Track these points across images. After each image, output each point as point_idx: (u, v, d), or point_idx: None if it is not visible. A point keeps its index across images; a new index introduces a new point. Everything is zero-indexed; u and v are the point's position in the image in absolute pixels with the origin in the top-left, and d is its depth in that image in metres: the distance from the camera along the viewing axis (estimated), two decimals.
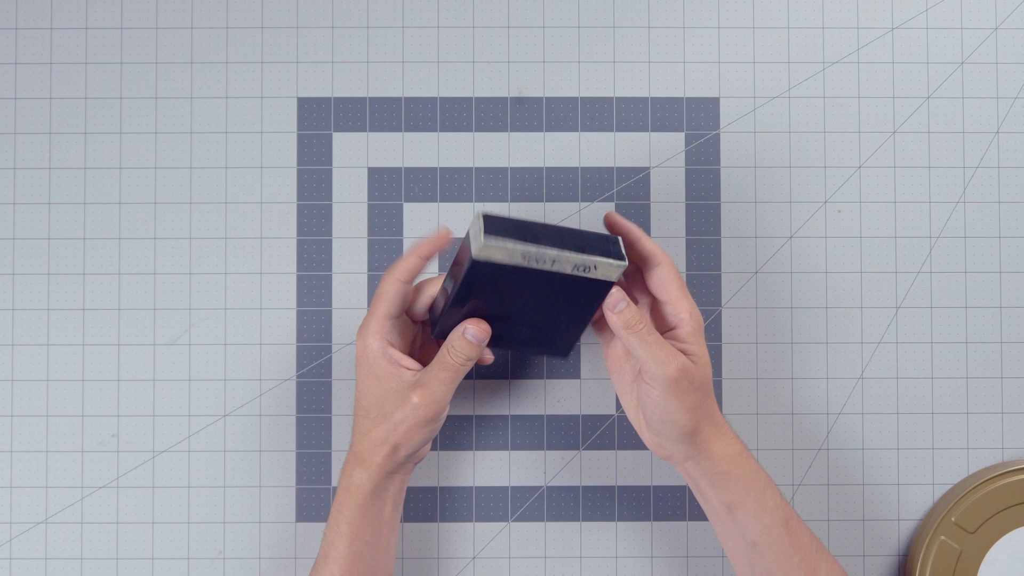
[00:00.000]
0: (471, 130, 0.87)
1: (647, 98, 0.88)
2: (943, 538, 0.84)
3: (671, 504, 0.87)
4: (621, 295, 0.75)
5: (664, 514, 0.86)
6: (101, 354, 0.86)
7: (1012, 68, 0.88)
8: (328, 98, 0.87)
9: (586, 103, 0.88)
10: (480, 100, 0.88)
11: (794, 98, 0.88)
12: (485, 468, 0.87)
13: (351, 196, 0.87)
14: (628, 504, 0.86)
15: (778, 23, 0.88)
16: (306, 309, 0.87)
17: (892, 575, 0.87)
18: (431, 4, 0.88)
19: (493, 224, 0.72)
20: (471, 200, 0.87)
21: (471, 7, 0.88)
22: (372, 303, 0.77)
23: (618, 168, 0.87)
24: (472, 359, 0.76)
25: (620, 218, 0.78)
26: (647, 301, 0.80)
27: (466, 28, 0.88)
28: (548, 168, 0.87)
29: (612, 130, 0.87)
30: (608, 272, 0.74)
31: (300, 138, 0.87)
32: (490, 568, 0.86)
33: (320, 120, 0.87)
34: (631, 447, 0.87)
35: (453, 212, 0.87)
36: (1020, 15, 0.88)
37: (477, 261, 0.71)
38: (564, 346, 0.79)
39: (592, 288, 0.75)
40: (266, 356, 0.87)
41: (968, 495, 0.85)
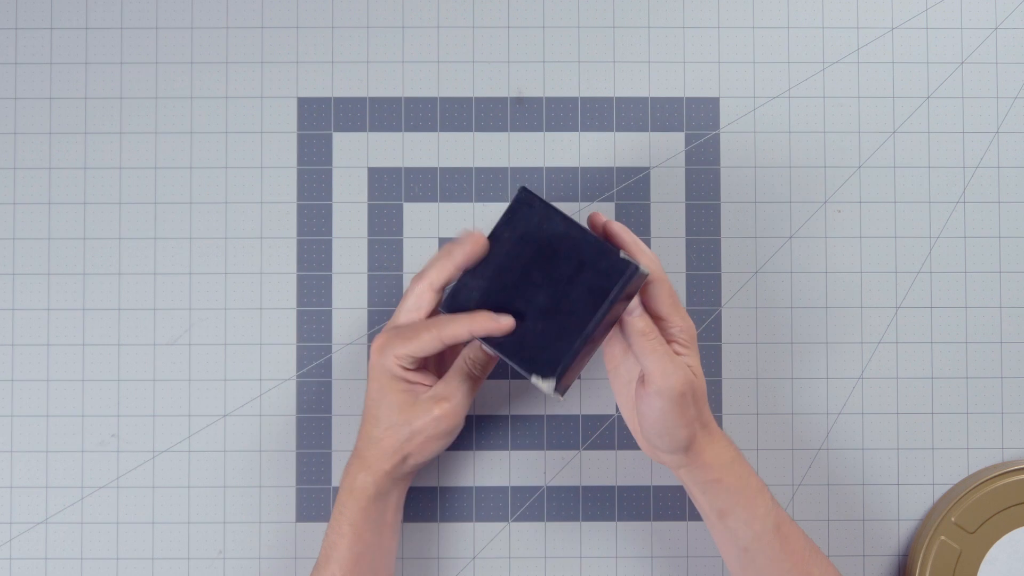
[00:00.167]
0: (471, 130, 0.87)
1: (647, 98, 0.88)
2: (943, 538, 0.84)
3: (671, 504, 0.87)
4: (637, 299, 0.74)
5: (664, 514, 0.86)
6: (101, 354, 0.86)
7: (1012, 68, 0.88)
8: (328, 98, 0.87)
9: (586, 103, 0.88)
10: (480, 100, 0.88)
11: (794, 98, 0.88)
12: (485, 468, 0.87)
13: (351, 196, 0.87)
14: (628, 504, 0.86)
15: (778, 23, 0.88)
16: (306, 309, 0.87)
17: (892, 575, 0.87)
18: (431, 4, 0.88)
19: None
20: (471, 200, 0.87)
21: (471, 7, 0.88)
22: (405, 333, 0.75)
23: (618, 168, 0.87)
24: (488, 370, 0.78)
25: (619, 228, 0.77)
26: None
27: (466, 28, 0.88)
28: (548, 168, 0.87)
29: (612, 130, 0.87)
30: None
31: (300, 138, 0.87)
32: (490, 568, 0.86)
33: (320, 120, 0.87)
34: (631, 447, 0.86)
35: (453, 212, 0.87)
36: (1020, 15, 0.88)
37: (525, 188, 0.75)
38: (561, 350, 0.76)
39: (611, 266, 0.74)
40: (266, 356, 0.87)
41: (968, 495, 0.85)
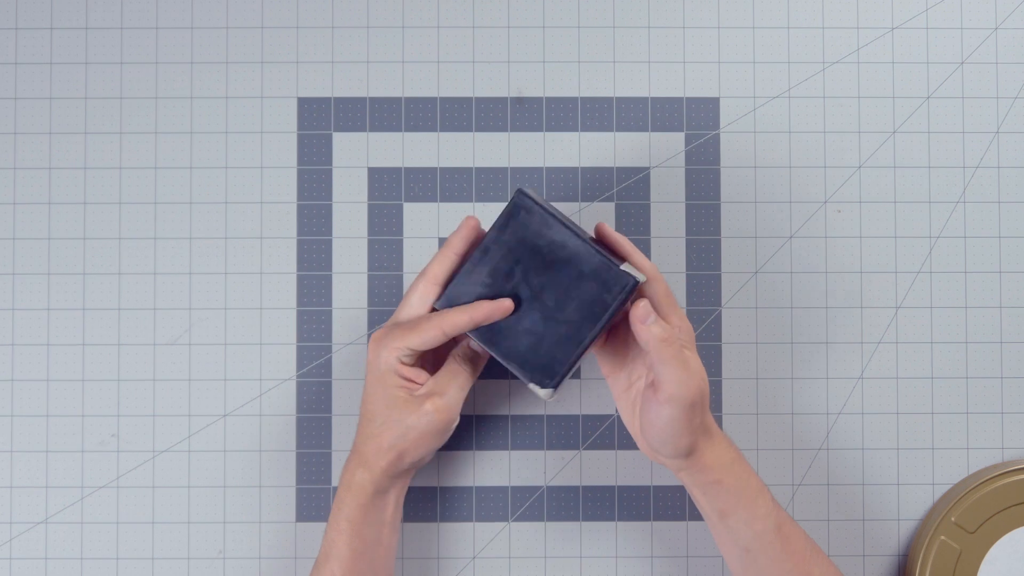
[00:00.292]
0: (471, 130, 0.87)
1: (647, 98, 0.88)
2: (943, 538, 0.84)
3: (671, 504, 0.86)
4: (649, 307, 0.74)
5: (664, 514, 0.86)
6: (101, 354, 0.86)
7: (1012, 68, 0.88)
8: (328, 98, 0.87)
9: (586, 103, 0.88)
10: (480, 100, 0.88)
11: (794, 98, 0.88)
12: (485, 468, 0.87)
13: (351, 196, 0.87)
14: (628, 504, 0.86)
15: (778, 23, 0.88)
16: (306, 309, 0.87)
17: (892, 575, 0.87)
18: (431, 4, 0.88)
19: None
20: (471, 200, 0.87)
21: (471, 7, 0.88)
22: (405, 327, 0.75)
23: (618, 168, 0.87)
24: (479, 368, 0.79)
25: (611, 230, 0.77)
26: None
27: (466, 28, 0.88)
28: (548, 168, 0.87)
29: (612, 130, 0.87)
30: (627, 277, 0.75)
31: (300, 138, 0.87)
32: (490, 568, 0.86)
33: (320, 120, 0.87)
34: (631, 447, 0.86)
35: (453, 212, 0.87)
36: (1020, 15, 0.88)
37: (521, 191, 0.76)
38: (560, 359, 0.76)
39: (611, 280, 0.75)
40: (266, 356, 0.87)
41: (968, 495, 0.85)
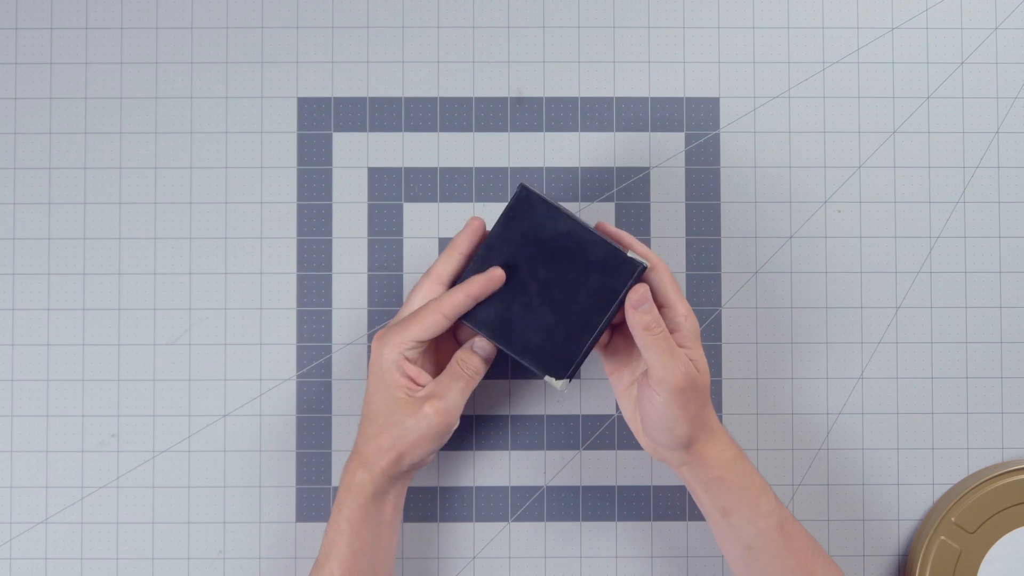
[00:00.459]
0: (471, 130, 0.87)
1: (647, 98, 0.88)
2: (943, 538, 0.84)
3: (671, 504, 0.86)
4: (647, 294, 0.75)
5: (664, 514, 0.86)
6: (101, 354, 0.86)
7: (1012, 68, 0.88)
8: (328, 98, 0.87)
9: (586, 103, 0.88)
10: (480, 100, 0.88)
11: (794, 98, 0.88)
12: (485, 468, 0.87)
13: (351, 196, 0.87)
14: (628, 504, 0.86)
15: (778, 23, 0.88)
16: (306, 309, 0.87)
17: (892, 575, 0.87)
18: (431, 4, 0.88)
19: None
20: (471, 200, 0.87)
21: (471, 7, 0.88)
22: (406, 320, 0.76)
23: (618, 168, 0.87)
24: (481, 372, 0.78)
25: (610, 227, 0.78)
26: None
27: (466, 28, 0.88)
28: (548, 168, 0.87)
29: (612, 130, 0.87)
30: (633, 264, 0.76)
31: (300, 138, 0.87)
32: (490, 568, 0.86)
33: (320, 120, 0.87)
34: (631, 447, 0.86)
35: (453, 212, 0.87)
36: (1020, 15, 0.88)
37: (524, 186, 0.76)
38: (573, 349, 0.77)
39: (618, 267, 0.76)
40: (266, 356, 0.87)
41: (968, 495, 0.85)
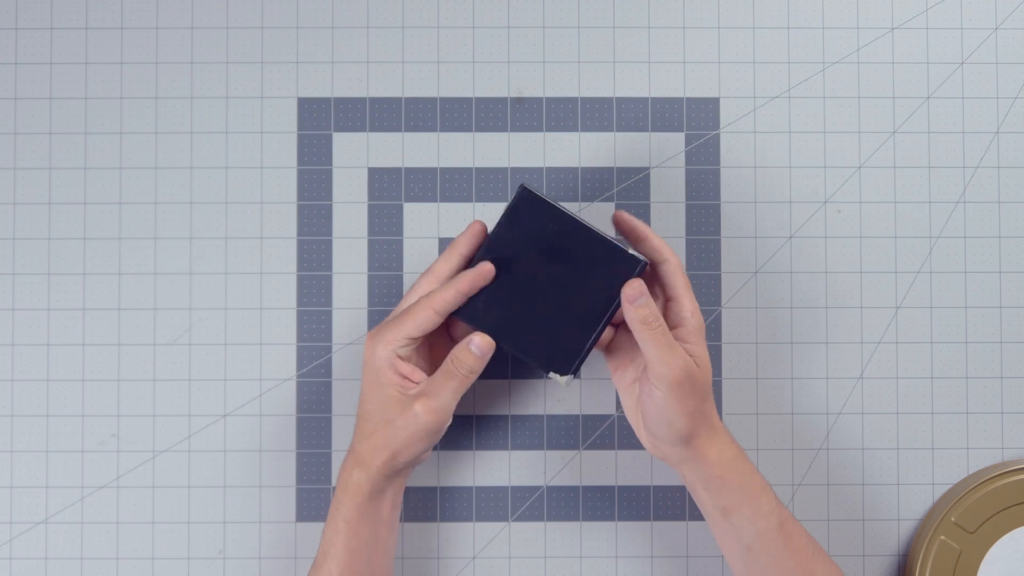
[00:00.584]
0: (471, 130, 0.87)
1: (647, 98, 0.88)
2: (943, 538, 0.84)
3: (671, 504, 0.86)
4: (643, 288, 0.75)
5: (664, 514, 0.86)
6: (101, 354, 0.86)
7: (1012, 68, 0.88)
8: (328, 98, 0.87)
9: (586, 103, 0.88)
10: (480, 100, 0.88)
11: (794, 98, 0.88)
12: (485, 468, 0.87)
13: (351, 196, 0.87)
14: (628, 504, 0.86)
15: (778, 23, 0.88)
16: (306, 309, 0.87)
17: (892, 575, 0.87)
18: (431, 4, 0.88)
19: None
20: (471, 200, 0.87)
21: (471, 7, 0.88)
22: (399, 316, 0.76)
23: (618, 168, 0.87)
24: (476, 372, 0.77)
25: (628, 215, 0.79)
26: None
27: (466, 28, 0.88)
28: (548, 168, 0.87)
29: (612, 130, 0.87)
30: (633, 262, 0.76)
31: (300, 138, 0.87)
32: (490, 568, 0.86)
33: (320, 120, 0.87)
34: (631, 447, 0.86)
35: (453, 212, 0.87)
36: (1020, 15, 0.88)
37: (525, 186, 0.77)
38: (576, 345, 0.78)
39: (619, 264, 0.76)
40: (266, 356, 0.87)
41: (968, 495, 0.85)
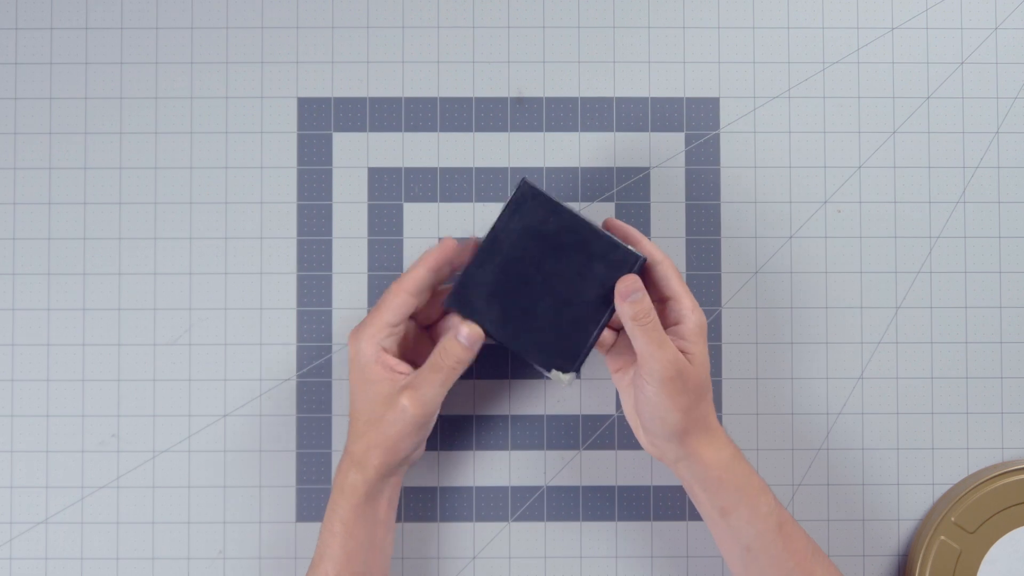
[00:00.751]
0: (471, 130, 0.87)
1: (647, 98, 0.88)
2: (943, 538, 0.84)
3: (671, 504, 0.87)
4: (638, 284, 0.75)
5: (664, 514, 0.86)
6: (101, 354, 0.86)
7: (1012, 68, 0.88)
8: (328, 98, 0.87)
9: (586, 103, 0.88)
10: (480, 100, 0.88)
11: (794, 98, 0.88)
12: (485, 468, 0.87)
13: (351, 196, 0.87)
14: (628, 504, 0.86)
15: (778, 23, 0.88)
16: (306, 309, 0.87)
17: (892, 575, 0.87)
18: (431, 4, 0.88)
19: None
20: (471, 200, 0.87)
21: (471, 7, 0.88)
22: (373, 309, 0.77)
23: (618, 168, 0.87)
24: (464, 363, 0.77)
25: (619, 222, 0.79)
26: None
27: (466, 28, 0.88)
28: (548, 168, 0.87)
29: (612, 130, 0.87)
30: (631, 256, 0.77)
31: (300, 138, 0.87)
32: (490, 568, 0.86)
33: (320, 120, 0.87)
34: (631, 447, 0.87)
35: (453, 212, 0.87)
36: (1020, 15, 0.88)
37: (526, 180, 0.77)
38: (578, 342, 0.78)
39: (618, 259, 0.76)
40: (266, 356, 0.87)
41: (968, 495, 0.85)
